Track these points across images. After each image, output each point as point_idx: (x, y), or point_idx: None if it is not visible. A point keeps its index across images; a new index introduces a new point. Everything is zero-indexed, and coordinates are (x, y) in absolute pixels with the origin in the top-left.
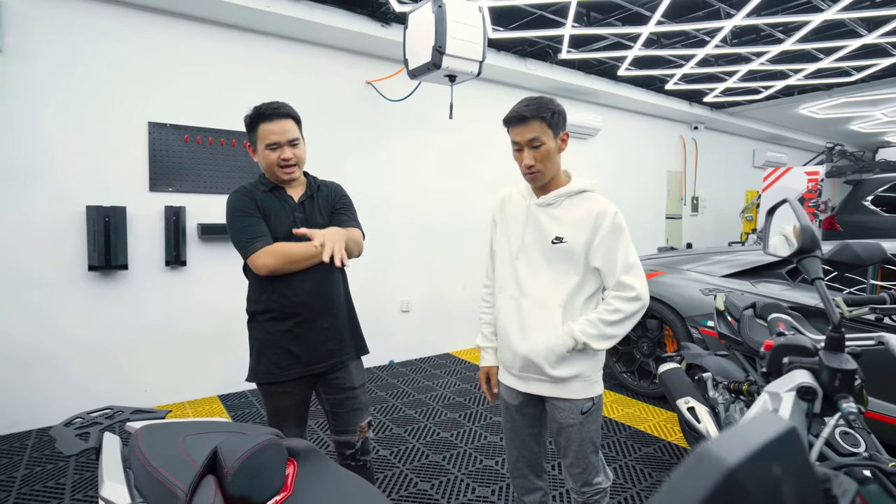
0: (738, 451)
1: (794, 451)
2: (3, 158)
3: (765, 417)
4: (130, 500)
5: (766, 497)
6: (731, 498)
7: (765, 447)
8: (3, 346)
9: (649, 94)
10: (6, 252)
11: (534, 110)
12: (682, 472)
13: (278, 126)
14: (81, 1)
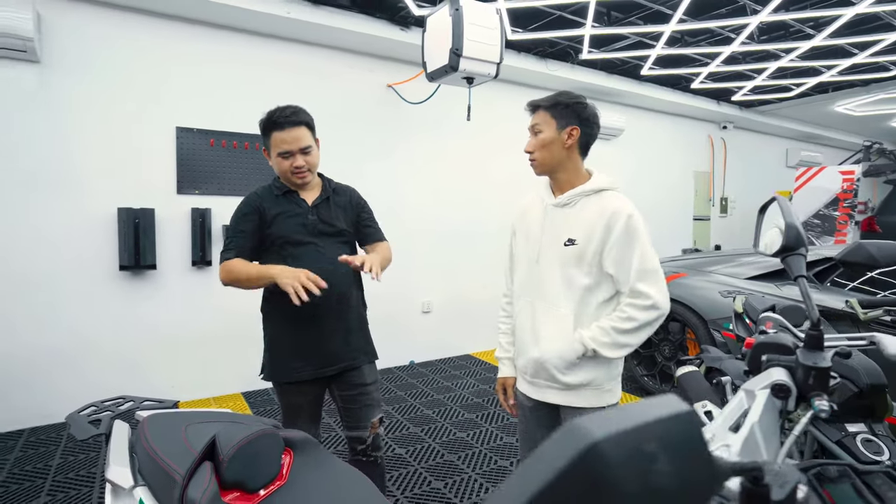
0: (607, 426)
1: (681, 433)
2: (42, 163)
3: (663, 399)
4: (133, 482)
5: (630, 472)
6: (591, 468)
7: (641, 426)
8: (42, 340)
9: (674, 94)
10: (44, 252)
11: (542, 99)
12: (550, 442)
13: (290, 135)
14: (114, 11)
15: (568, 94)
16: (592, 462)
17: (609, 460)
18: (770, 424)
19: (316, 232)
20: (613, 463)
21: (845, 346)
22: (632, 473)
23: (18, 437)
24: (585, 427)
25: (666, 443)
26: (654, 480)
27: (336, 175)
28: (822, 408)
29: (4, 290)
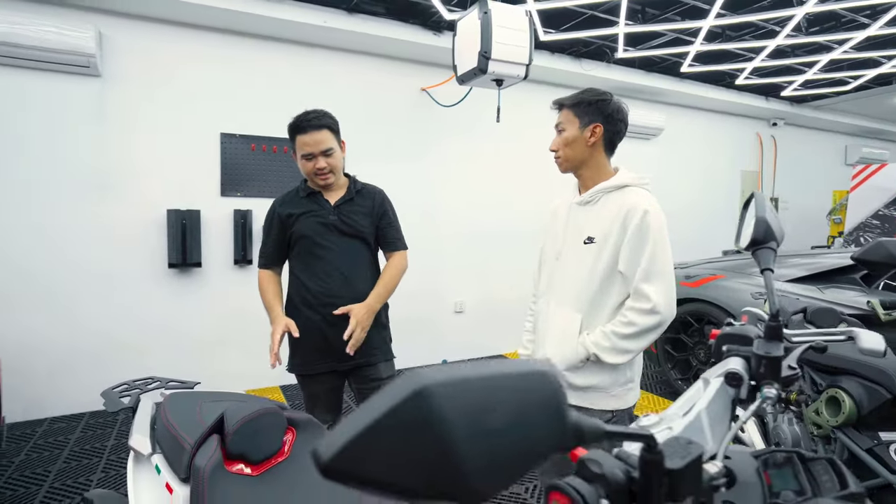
0: (442, 374)
1: (535, 390)
2: (101, 169)
3: (527, 361)
4: (151, 450)
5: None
6: (419, 408)
7: (484, 377)
8: (100, 331)
9: (718, 91)
10: (101, 251)
11: (565, 98)
12: (388, 386)
13: (312, 138)
14: (165, 26)
15: (592, 91)
16: (420, 402)
17: (437, 402)
18: (719, 411)
19: (336, 232)
20: (442, 405)
21: (821, 341)
22: (463, 416)
23: (80, 419)
24: (419, 374)
25: (515, 396)
26: (493, 426)
27: (372, 177)
28: (769, 395)
29: (68, 284)
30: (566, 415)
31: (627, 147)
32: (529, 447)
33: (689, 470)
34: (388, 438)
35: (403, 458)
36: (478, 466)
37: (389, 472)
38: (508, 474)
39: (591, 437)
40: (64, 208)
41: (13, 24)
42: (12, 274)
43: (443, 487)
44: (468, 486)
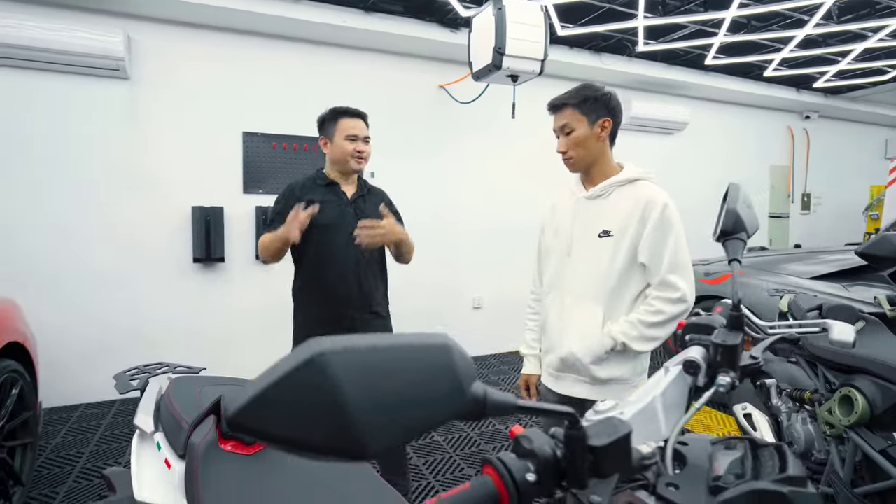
0: (340, 343)
1: (432, 361)
2: (130, 168)
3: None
4: (153, 428)
5: (354, 379)
6: (315, 372)
7: (382, 347)
8: (128, 324)
9: (745, 83)
10: (130, 246)
11: (566, 97)
12: (293, 350)
13: (357, 123)
14: (190, 30)
15: (591, 86)
16: (315, 367)
17: (331, 367)
18: (675, 397)
19: (353, 223)
20: (337, 371)
21: (795, 333)
22: (357, 381)
23: (111, 406)
24: (320, 341)
25: (414, 365)
26: (388, 392)
27: (390, 174)
28: (722, 383)
29: (98, 278)
30: (464, 385)
31: (650, 141)
32: (425, 412)
33: (614, 448)
34: (287, 398)
35: (300, 417)
36: (370, 426)
37: (288, 429)
38: (401, 435)
39: (493, 409)
40: (96, 206)
41: (48, 30)
42: (49, 268)
43: (336, 444)
44: (359, 444)
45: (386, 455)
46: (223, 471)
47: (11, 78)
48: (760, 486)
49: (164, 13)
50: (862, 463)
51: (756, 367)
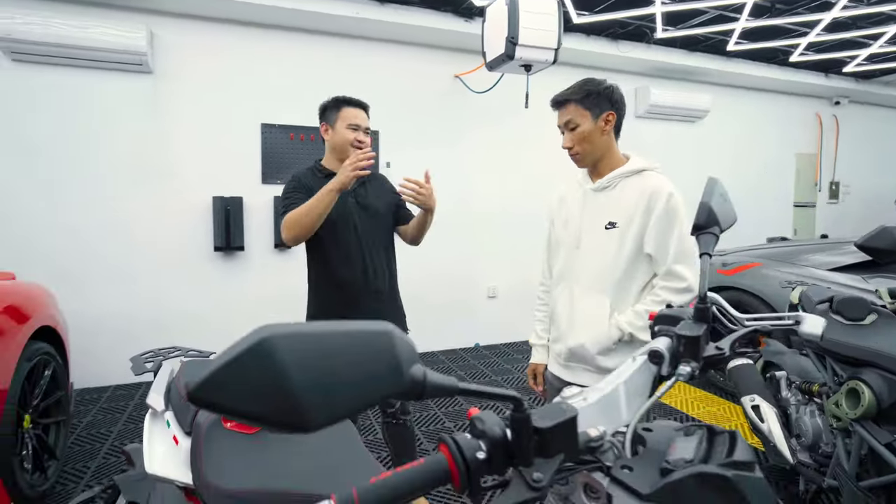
0: (286, 329)
1: (374, 345)
2: (153, 159)
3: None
4: (164, 407)
5: (297, 361)
6: (262, 354)
7: (326, 333)
8: (153, 310)
9: (770, 69)
10: (156, 234)
11: (569, 93)
12: (248, 333)
13: (359, 113)
14: (210, 24)
15: (593, 80)
16: (262, 349)
17: (277, 350)
18: (638, 386)
19: (356, 213)
20: (282, 353)
21: (768, 326)
22: (300, 362)
23: (138, 388)
24: (267, 327)
25: (355, 349)
26: (329, 372)
27: (406, 164)
28: (681, 372)
29: (123, 266)
30: (403, 368)
31: (670, 129)
32: (363, 391)
33: (559, 430)
34: (238, 377)
35: (249, 393)
36: (310, 403)
37: (240, 403)
38: (340, 411)
39: (433, 391)
40: (123, 196)
41: (75, 27)
42: (79, 257)
43: (281, 417)
44: (301, 418)
45: (397, 439)
46: (224, 447)
47: (38, 74)
48: (705, 469)
49: (184, 8)
50: (868, 456)
51: (721, 357)
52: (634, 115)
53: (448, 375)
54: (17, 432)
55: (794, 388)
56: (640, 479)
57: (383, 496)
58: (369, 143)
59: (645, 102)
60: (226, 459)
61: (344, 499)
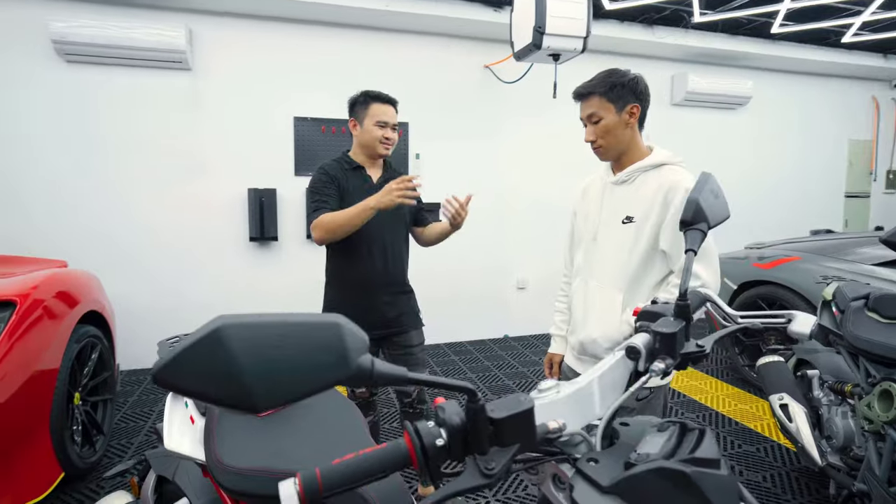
0: (237, 319)
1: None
2: (192, 153)
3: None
4: None
5: (247, 348)
6: (214, 342)
7: (276, 323)
8: (195, 296)
9: (820, 51)
10: (194, 225)
11: (592, 85)
12: (205, 323)
13: (389, 109)
14: (246, 20)
15: (617, 72)
16: (215, 338)
17: (229, 339)
18: (613, 381)
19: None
20: (233, 341)
21: (758, 323)
22: (250, 350)
23: None
24: (222, 317)
25: (303, 339)
26: (277, 359)
27: (437, 155)
28: (654, 369)
29: (166, 254)
30: (350, 357)
31: (708, 117)
32: (311, 377)
33: (513, 421)
34: (195, 362)
35: (205, 376)
36: (258, 387)
37: (197, 385)
38: (288, 395)
39: (381, 379)
40: (165, 189)
41: (123, 28)
42: (124, 246)
43: (233, 399)
44: (250, 400)
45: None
46: (235, 427)
47: (89, 74)
48: (664, 464)
49: (221, 6)
50: None
51: (701, 354)
52: (671, 102)
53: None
54: (68, 408)
55: (827, 388)
56: (603, 471)
57: (345, 475)
58: (396, 139)
59: (682, 90)
60: (235, 439)
61: (308, 477)
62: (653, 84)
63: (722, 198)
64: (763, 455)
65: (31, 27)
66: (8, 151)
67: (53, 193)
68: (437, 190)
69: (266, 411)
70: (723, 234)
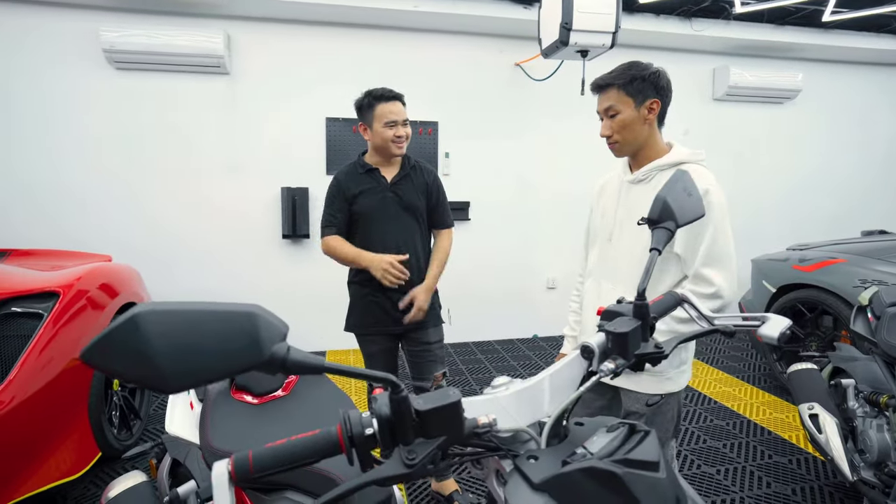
0: (153, 307)
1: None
2: (231, 154)
3: (241, 304)
4: None
5: (161, 334)
6: (132, 328)
7: (183, 310)
8: (230, 291)
9: (877, 39)
10: (232, 221)
11: (611, 77)
12: (129, 310)
13: (395, 107)
14: (280, 25)
15: (638, 64)
16: (132, 323)
17: (144, 325)
18: (566, 380)
19: (392, 207)
20: (148, 327)
21: (731, 326)
22: (163, 335)
23: None
24: (142, 304)
25: (217, 326)
26: (190, 344)
27: (468, 154)
28: (603, 369)
29: (203, 250)
30: (263, 345)
31: (752, 113)
32: (222, 362)
33: (439, 413)
34: (115, 344)
35: (124, 357)
36: (169, 370)
37: (117, 365)
38: (199, 377)
39: (295, 368)
40: (205, 187)
41: (168, 35)
42: (164, 241)
43: (147, 379)
44: (162, 381)
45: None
46: (229, 414)
47: (136, 80)
48: (595, 464)
49: (257, 12)
50: None
51: (659, 356)
52: (712, 97)
53: (315, 355)
54: (106, 394)
55: (862, 399)
56: (539, 468)
57: (276, 458)
58: (408, 133)
59: (724, 84)
60: (227, 424)
61: (240, 458)
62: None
63: (696, 196)
64: (795, 467)
65: (85, 38)
66: (65, 153)
67: (104, 192)
68: (466, 188)
69: (178, 392)
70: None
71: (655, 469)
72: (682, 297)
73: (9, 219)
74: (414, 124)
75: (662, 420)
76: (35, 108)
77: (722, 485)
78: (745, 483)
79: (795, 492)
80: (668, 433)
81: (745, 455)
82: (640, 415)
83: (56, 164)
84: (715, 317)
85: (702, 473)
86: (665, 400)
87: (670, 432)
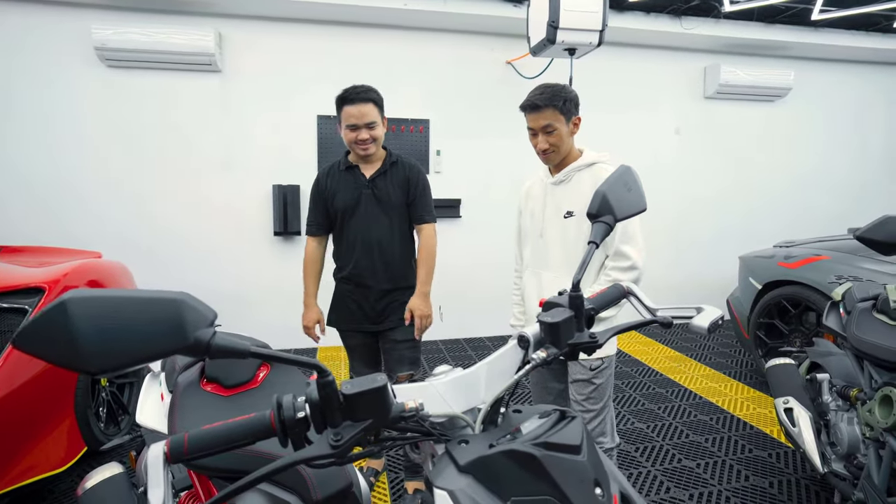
0: (82, 294)
1: (165, 312)
2: (221, 151)
3: (170, 292)
4: (160, 368)
5: (87, 319)
6: (58, 316)
7: (109, 297)
8: (223, 286)
9: (866, 38)
10: (224, 218)
11: (547, 99)
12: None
13: (358, 110)
14: (271, 23)
15: (564, 88)
16: (59, 309)
17: (70, 310)
18: (503, 367)
19: (370, 204)
20: (74, 312)
21: (668, 317)
22: (89, 319)
23: None
24: (71, 291)
25: (143, 312)
26: (114, 329)
27: (460, 152)
28: (534, 357)
29: (195, 247)
30: (188, 330)
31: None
32: (146, 346)
33: (365, 397)
34: (45, 329)
35: (52, 341)
36: (93, 353)
37: (46, 349)
38: (123, 360)
39: (219, 352)
40: (196, 184)
41: (158, 33)
42: (156, 238)
43: (71, 363)
44: (86, 364)
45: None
46: (197, 405)
47: (128, 77)
48: (515, 447)
49: (248, 10)
50: None
51: (592, 345)
52: (703, 96)
53: (242, 340)
54: (94, 389)
55: (835, 393)
56: (468, 452)
57: (211, 439)
58: (375, 134)
59: (714, 82)
60: (196, 415)
61: (176, 440)
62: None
63: (636, 190)
64: (774, 461)
65: (76, 35)
66: (61, 150)
67: (100, 188)
68: (457, 186)
69: (103, 374)
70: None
71: (576, 452)
72: (626, 290)
73: (7, 214)
74: (405, 122)
75: (607, 382)
76: (32, 104)
77: (701, 478)
78: (723, 476)
79: (773, 485)
80: (606, 401)
81: (725, 449)
82: (587, 380)
83: (54, 159)
84: (656, 308)
85: (682, 467)
86: (605, 364)
87: (608, 400)
